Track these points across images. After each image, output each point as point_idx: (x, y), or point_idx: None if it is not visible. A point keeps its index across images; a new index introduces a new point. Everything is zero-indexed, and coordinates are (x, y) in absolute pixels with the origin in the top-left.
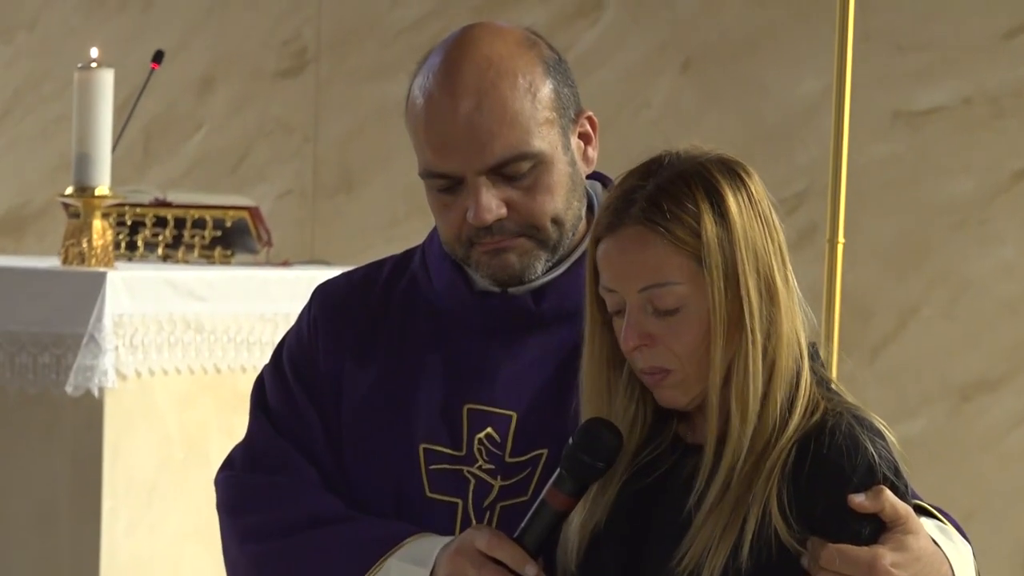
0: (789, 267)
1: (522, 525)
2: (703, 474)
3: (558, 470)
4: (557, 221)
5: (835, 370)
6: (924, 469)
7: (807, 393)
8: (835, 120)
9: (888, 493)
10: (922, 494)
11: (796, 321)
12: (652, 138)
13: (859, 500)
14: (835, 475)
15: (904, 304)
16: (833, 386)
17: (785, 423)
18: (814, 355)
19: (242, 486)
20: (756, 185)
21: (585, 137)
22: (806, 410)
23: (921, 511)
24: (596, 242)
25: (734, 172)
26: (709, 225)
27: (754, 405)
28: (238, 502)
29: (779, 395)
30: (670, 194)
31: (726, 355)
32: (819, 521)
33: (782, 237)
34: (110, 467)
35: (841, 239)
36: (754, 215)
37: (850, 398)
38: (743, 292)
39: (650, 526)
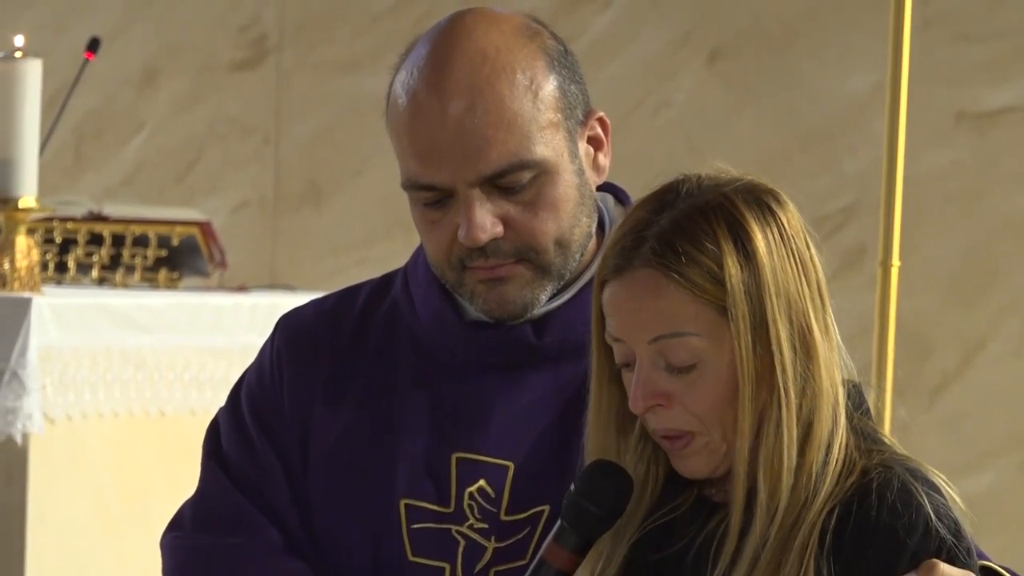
0: (829, 311)
1: None
2: (728, 549)
3: (559, 522)
4: (561, 243)
5: (888, 416)
6: (992, 531)
7: (841, 454)
8: (888, 122)
9: (942, 568)
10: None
11: (836, 376)
12: (672, 143)
13: None
14: (888, 538)
15: (969, 338)
16: (881, 437)
17: (816, 492)
18: (858, 402)
19: (193, 550)
20: (789, 216)
21: (595, 142)
22: (840, 475)
23: (989, 573)
24: (602, 285)
25: (762, 203)
26: (733, 269)
27: (787, 478)
28: (189, 569)
29: (815, 464)
30: (686, 232)
31: (754, 419)
32: None
33: (821, 276)
34: (35, 528)
35: (896, 262)
36: (786, 254)
37: (900, 450)
38: (774, 346)
39: None
